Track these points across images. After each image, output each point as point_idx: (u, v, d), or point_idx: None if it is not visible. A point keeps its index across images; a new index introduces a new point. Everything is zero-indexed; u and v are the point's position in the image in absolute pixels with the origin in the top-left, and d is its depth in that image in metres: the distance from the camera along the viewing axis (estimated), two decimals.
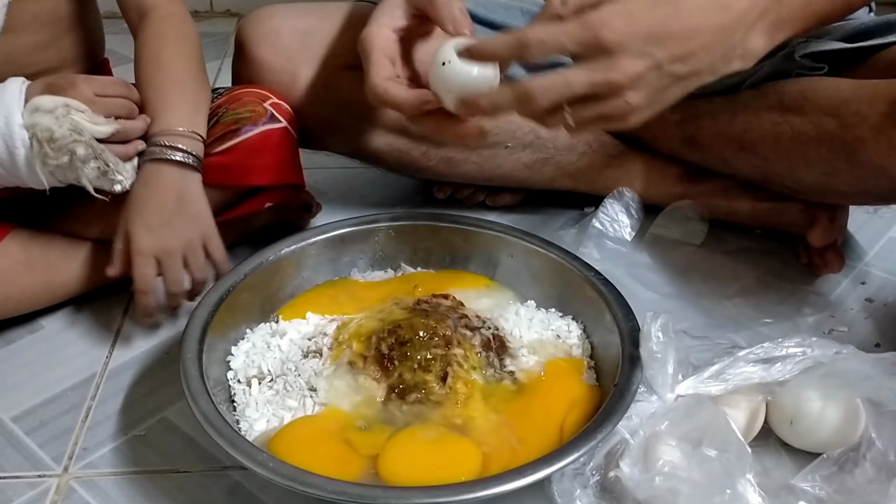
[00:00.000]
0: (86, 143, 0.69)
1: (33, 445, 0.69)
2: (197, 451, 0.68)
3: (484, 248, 0.80)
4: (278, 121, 0.82)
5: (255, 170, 0.82)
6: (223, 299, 0.70)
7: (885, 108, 0.72)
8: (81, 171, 0.70)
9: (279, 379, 0.67)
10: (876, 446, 0.63)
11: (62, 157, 0.69)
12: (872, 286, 0.89)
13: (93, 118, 0.70)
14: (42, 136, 0.68)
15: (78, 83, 0.71)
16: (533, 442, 0.63)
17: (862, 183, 0.78)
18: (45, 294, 0.80)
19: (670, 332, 0.63)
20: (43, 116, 0.68)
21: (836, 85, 0.80)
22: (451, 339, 0.68)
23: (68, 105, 0.69)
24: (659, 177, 0.97)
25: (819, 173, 0.80)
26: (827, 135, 0.77)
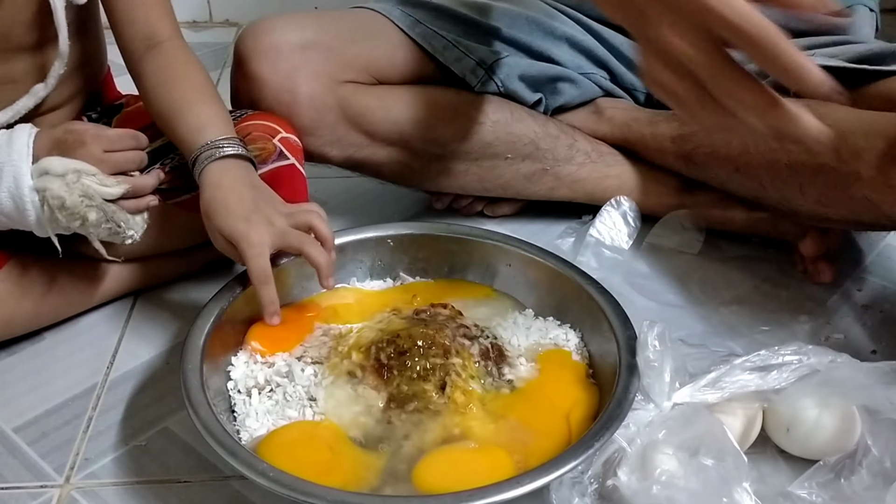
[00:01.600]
0: (97, 208, 0.70)
1: (35, 456, 0.70)
2: (198, 461, 0.69)
3: (482, 257, 0.81)
4: (286, 157, 0.83)
5: None
6: (223, 310, 0.71)
7: (883, 145, 0.72)
8: (92, 234, 0.71)
9: (279, 389, 0.68)
10: (872, 453, 0.64)
11: (73, 222, 0.70)
12: (869, 293, 0.90)
13: (102, 181, 0.70)
14: (53, 204, 0.69)
15: (87, 142, 0.71)
16: (543, 439, 0.65)
17: (854, 216, 0.79)
18: (50, 316, 0.81)
19: (667, 341, 0.64)
20: (53, 182, 0.68)
21: (835, 113, 0.79)
22: (450, 349, 0.69)
23: (79, 171, 0.69)
24: (655, 187, 0.97)
25: (813, 202, 0.81)
26: (823, 166, 0.78)
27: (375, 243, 0.82)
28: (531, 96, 0.97)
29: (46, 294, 0.79)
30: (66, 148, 0.70)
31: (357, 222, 1.00)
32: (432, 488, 0.60)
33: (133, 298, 0.88)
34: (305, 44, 0.90)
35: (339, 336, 0.72)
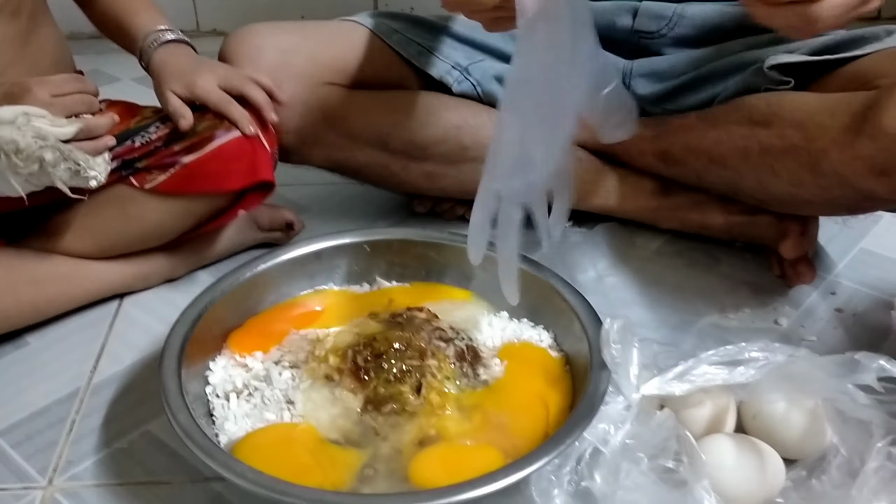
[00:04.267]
0: (52, 148, 0.71)
1: (19, 458, 0.71)
2: (179, 464, 0.70)
3: (457, 261, 0.82)
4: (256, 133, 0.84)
5: (229, 174, 0.84)
6: (201, 315, 0.72)
7: (847, 120, 0.74)
8: (53, 174, 0.72)
9: (257, 392, 0.69)
10: (841, 454, 0.65)
11: (32, 165, 0.71)
12: (842, 296, 0.91)
13: (54, 121, 0.72)
14: (8, 149, 0.70)
15: (32, 88, 0.73)
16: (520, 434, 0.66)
17: (827, 193, 0.80)
18: (31, 313, 0.82)
19: (630, 336, 0.65)
20: (4, 129, 0.69)
21: (801, 98, 0.82)
22: (426, 351, 0.70)
23: (27, 113, 0.70)
24: (633, 191, 0.99)
25: (786, 184, 0.82)
26: (793, 147, 0.80)
27: (352, 248, 0.83)
28: None
29: (26, 288, 0.81)
30: (12, 98, 0.72)
31: (339, 226, 1.02)
32: (428, 482, 0.61)
33: (117, 304, 0.89)
34: (287, 47, 0.92)
35: (316, 340, 0.73)
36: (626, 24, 1.01)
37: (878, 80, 0.75)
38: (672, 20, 0.99)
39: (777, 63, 0.85)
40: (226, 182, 0.84)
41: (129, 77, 1.30)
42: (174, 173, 0.83)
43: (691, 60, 0.98)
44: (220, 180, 0.84)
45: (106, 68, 0.94)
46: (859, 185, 0.74)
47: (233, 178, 0.83)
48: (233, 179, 0.84)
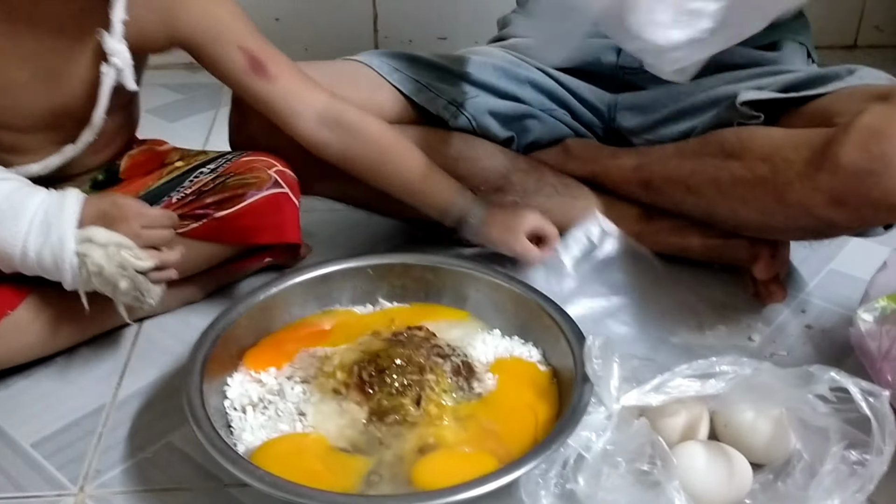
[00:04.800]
0: (128, 278, 0.78)
1: (51, 468, 0.77)
2: (199, 471, 0.76)
3: (453, 283, 0.89)
4: (281, 186, 0.90)
5: (258, 230, 0.91)
6: (220, 335, 0.79)
7: (809, 154, 0.81)
8: (119, 298, 0.81)
9: (271, 405, 0.75)
10: (804, 458, 0.71)
11: (105, 287, 0.79)
12: (812, 314, 0.98)
13: (137, 254, 0.79)
14: (92, 269, 0.78)
15: (129, 218, 0.79)
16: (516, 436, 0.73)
17: (793, 221, 0.87)
18: (63, 342, 0.89)
19: (610, 352, 0.72)
20: (95, 250, 0.77)
21: (768, 133, 0.89)
22: (425, 367, 0.77)
23: (119, 244, 0.78)
24: (617, 216, 1.05)
25: (755, 213, 0.89)
26: (761, 178, 0.86)
27: (356, 272, 0.89)
28: (502, 132, 1.06)
29: (62, 323, 0.87)
30: (110, 220, 0.79)
31: (344, 252, 1.09)
32: (429, 486, 0.68)
33: (138, 325, 0.95)
34: None
35: (324, 357, 0.80)
36: (611, 60, 1.08)
37: (836, 118, 0.82)
38: None
39: (748, 99, 0.92)
40: (255, 237, 0.91)
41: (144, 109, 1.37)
42: (205, 223, 0.90)
43: (671, 95, 1.05)
44: (250, 235, 0.91)
45: None
46: (821, 214, 0.81)
47: (262, 235, 0.90)
48: (262, 235, 0.90)
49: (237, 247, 0.93)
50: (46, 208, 0.79)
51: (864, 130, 0.75)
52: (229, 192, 0.89)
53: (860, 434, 0.67)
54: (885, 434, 0.64)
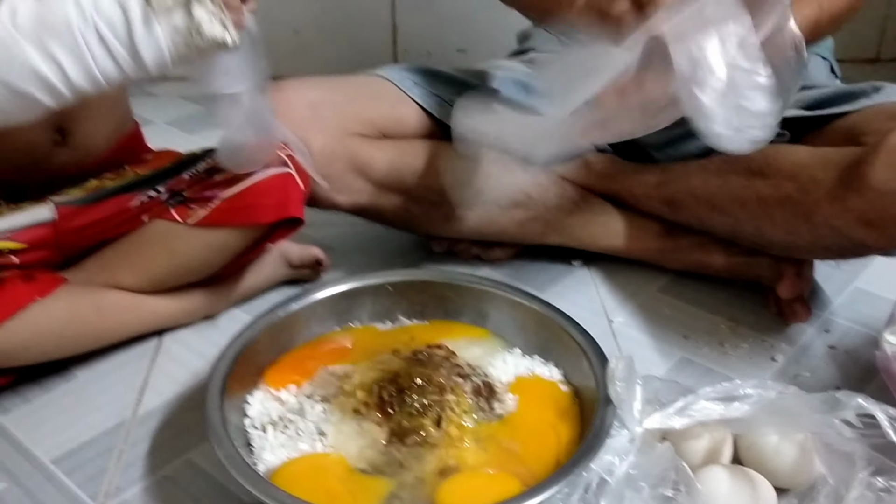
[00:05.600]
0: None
1: (71, 485, 0.77)
2: (219, 490, 0.76)
3: (474, 301, 0.88)
4: (288, 167, 0.90)
5: (263, 208, 0.90)
6: (240, 353, 0.78)
7: (837, 174, 0.80)
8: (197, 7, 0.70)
9: (291, 425, 0.75)
10: (829, 483, 0.70)
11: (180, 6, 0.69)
12: (836, 334, 0.97)
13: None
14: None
15: None
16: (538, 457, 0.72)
17: (820, 241, 0.86)
18: (93, 340, 0.89)
19: (633, 374, 0.71)
20: None
21: (795, 152, 0.88)
22: (445, 387, 0.76)
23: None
24: (639, 233, 1.05)
25: (782, 232, 0.89)
26: (787, 197, 0.86)
27: (375, 289, 0.89)
28: None
29: (91, 317, 0.88)
30: None
31: (362, 265, 1.09)
32: None
33: (157, 340, 0.96)
34: (317, 101, 0.99)
35: (344, 376, 0.79)
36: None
37: (865, 137, 0.82)
38: None
39: None
40: (259, 215, 0.90)
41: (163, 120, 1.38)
42: (213, 208, 0.90)
43: None
44: (254, 213, 0.90)
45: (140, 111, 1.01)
46: (850, 234, 0.80)
47: (266, 212, 0.90)
48: (266, 213, 0.90)
49: (244, 234, 0.92)
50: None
51: (894, 151, 0.75)
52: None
53: (887, 460, 0.67)
54: None
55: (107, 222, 0.89)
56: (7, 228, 0.84)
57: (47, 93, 0.70)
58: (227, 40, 0.73)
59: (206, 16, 0.71)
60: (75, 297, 0.87)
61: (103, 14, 0.69)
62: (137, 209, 0.91)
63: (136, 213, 0.91)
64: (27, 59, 0.68)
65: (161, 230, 0.90)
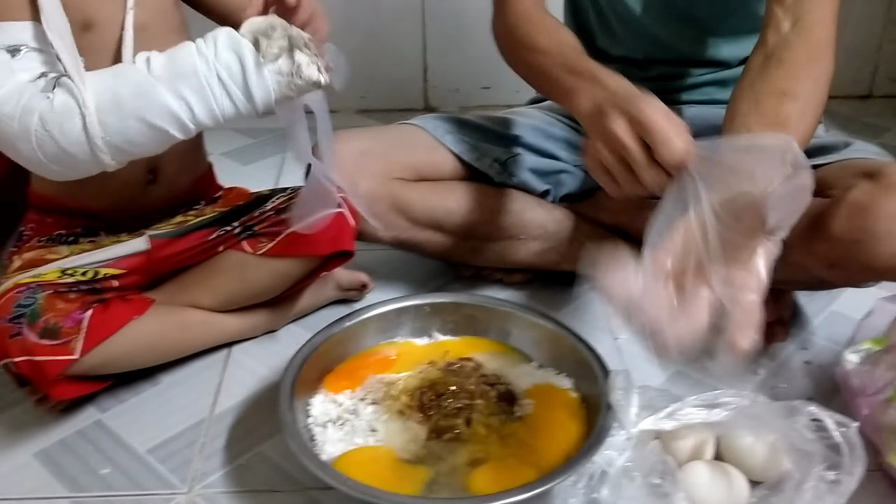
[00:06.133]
0: (297, 33, 0.83)
1: (165, 471, 0.92)
2: (286, 476, 0.91)
3: (498, 320, 1.03)
4: (341, 207, 1.03)
5: (320, 242, 1.04)
6: (304, 362, 0.94)
7: (806, 221, 0.93)
8: (298, 54, 0.82)
9: (348, 423, 0.91)
10: (794, 477, 0.85)
11: (281, 41, 0.81)
12: (812, 351, 1.11)
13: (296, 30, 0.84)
14: (261, 32, 0.81)
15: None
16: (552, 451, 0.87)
17: (793, 277, 0.99)
18: (176, 351, 1.05)
19: (630, 384, 0.86)
20: (258, 23, 0.82)
21: None
22: (474, 393, 0.92)
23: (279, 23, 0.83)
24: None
25: None
26: None
27: (415, 309, 1.04)
28: (540, 186, 1.20)
29: (176, 332, 1.04)
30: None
31: (400, 287, 1.24)
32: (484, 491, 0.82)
33: (227, 352, 1.11)
34: (364, 150, 1.14)
35: (390, 383, 0.95)
36: None
37: (831, 190, 0.94)
38: None
39: None
40: (317, 248, 1.05)
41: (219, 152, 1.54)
42: (279, 241, 1.05)
43: None
44: (313, 246, 1.05)
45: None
46: (816, 272, 0.94)
47: (322, 245, 1.05)
48: (322, 246, 1.05)
49: (303, 264, 1.07)
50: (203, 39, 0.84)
51: (852, 206, 0.88)
52: None
53: (837, 457, 0.81)
54: (853, 458, 0.78)
55: (190, 252, 1.06)
56: (111, 257, 1.00)
57: (178, 128, 0.83)
58: (322, 80, 0.85)
59: (305, 59, 0.83)
60: (163, 315, 1.03)
61: (223, 61, 0.81)
62: (215, 241, 1.07)
63: (214, 245, 1.07)
64: (163, 101, 0.81)
65: (234, 259, 1.06)
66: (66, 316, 0.93)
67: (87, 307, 0.95)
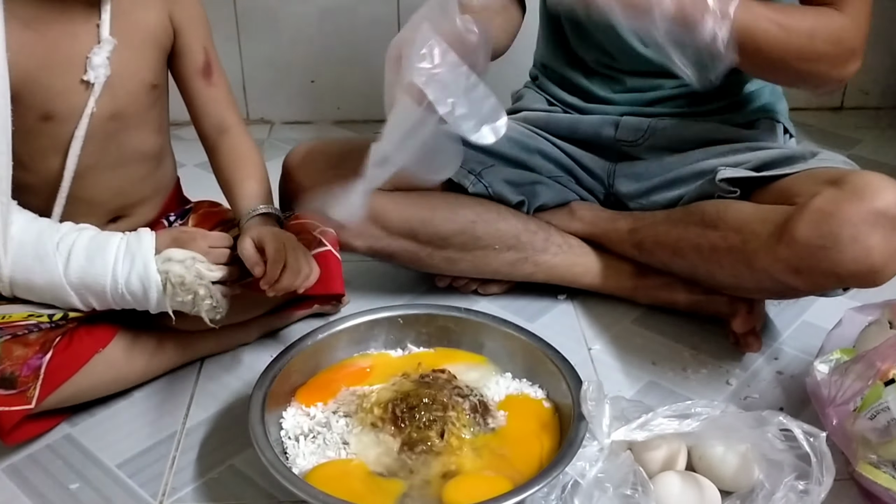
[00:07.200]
0: (206, 286, 0.94)
1: (135, 486, 0.92)
2: (258, 490, 0.91)
3: (472, 332, 1.04)
4: (324, 245, 1.06)
5: None
6: (276, 376, 0.93)
7: (772, 228, 0.96)
8: (200, 306, 0.94)
9: (320, 436, 0.90)
10: (766, 487, 0.85)
11: (187, 296, 0.93)
12: (783, 361, 1.12)
13: (208, 266, 0.94)
14: (175, 281, 0.92)
15: (197, 239, 0.95)
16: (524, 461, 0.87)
17: (760, 284, 1.01)
18: (143, 375, 1.04)
19: (602, 395, 0.86)
20: (175, 265, 0.93)
21: (741, 207, 1.04)
22: (447, 405, 0.91)
23: (194, 258, 0.93)
24: (614, 273, 1.21)
25: (729, 276, 1.04)
26: (733, 247, 1.01)
27: (388, 321, 1.04)
28: (515, 197, 1.21)
29: (145, 357, 1.03)
30: (181, 242, 0.95)
31: (375, 297, 1.24)
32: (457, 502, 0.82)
33: (199, 364, 1.11)
34: (336, 160, 1.14)
35: (363, 395, 0.95)
36: (610, 134, 1.23)
37: (796, 198, 0.96)
38: (647, 132, 1.21)
39: (726, 177, 1.07)
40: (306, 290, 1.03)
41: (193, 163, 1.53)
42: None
43: (662, 165, 1.20)
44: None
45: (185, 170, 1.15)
46: (782, 280, 0.96)
47: (312, 288, 1.01)
48: (312, 288, 1.01)
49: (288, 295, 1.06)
50: (127, 243, 0.94)
51: (816, 212, 0.90)
52: None
53: (807, 467, 0.81)
54: (822, 468, 0.79)
55: None
56: None
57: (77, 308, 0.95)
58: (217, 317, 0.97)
59: (206, 305, 0.95)
60: (129, 343, 1.01)
61: (131, 289, 0.93)
62: None
63: None
64: (68, 299, 0.93)
65: None
66: (23, 363, 0.92)
67: (47, 348, 0.94)
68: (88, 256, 0.92)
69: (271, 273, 0.93)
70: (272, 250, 0.93)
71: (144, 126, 1.02)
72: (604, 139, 1.24)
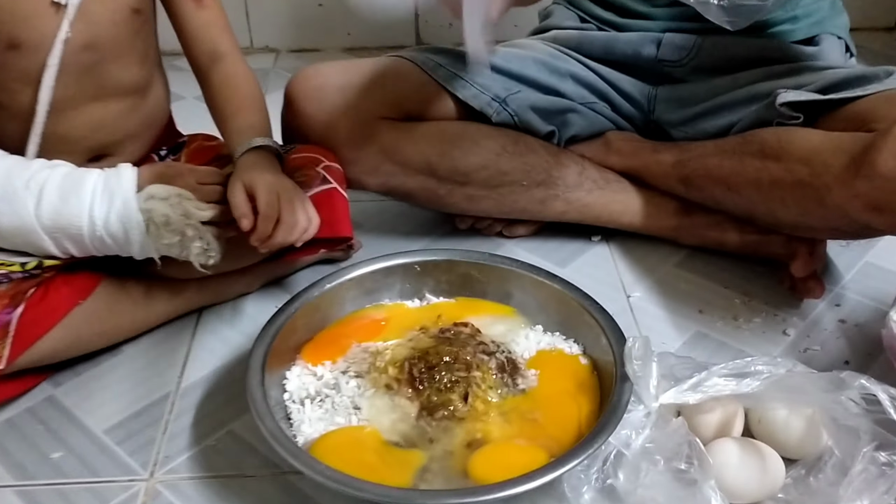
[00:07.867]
0: (193, 226, 0.83)
1: (123, 454, 0.82)
2: (259, 459, 0.81)
3: (498, 280, 0.93)
4: (329, 182, 0.95)
5: None
6: (279, 331, 0.83)
7: (847, 160, 0.83)
8: (189, 248, 0.84)
9: (328, 399, 0.80)
10: (835, 455, 0.75)
11: (174, 237, 0.83)
12: (846, 308, 1.00)
13: (197, 204, 0.84)
14: (159, 221, 0.82)
15: (184, 174, 0.85)
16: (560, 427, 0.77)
17: (830, 223, 0.89)
18: (130, 330, 0.94)
19: (649, 353, 0.75)
20: (159, 203, 0.82)
21: (808, 136, 0.91)
22: (471, 364, 0.81)
23: (180, 195, 0.83)
24: (656, 211, 1.09)
25: (794, 213, 0.92)
26: (800, 181, 0.89)
27: (404, 269, 0.93)
28: (544, 127, 1.08)
29: (132, 309, 0.93)
30: (167, 178, 0.85)
31: (389, 241, 1.13)
32: (485, 478, 0.72)
33: (196, 315, 1.01)
34: (346, 86, 1.03)
35: (376, 353, 0.84)
36: (651, 54, 1.10)
37: (874, 124, 0.84)
38: (693, 50, 1.08)
39: (788, 101, 0.94)
40: None
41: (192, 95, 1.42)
42: None
43: (711, 88, 1.07)
44: None
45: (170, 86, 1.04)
46: (858, 218, 0.83)
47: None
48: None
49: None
50: (105, 179, 0.84)
51: None
52: None
53: (890, 436, 0.70)
54: None
55: None
56: None
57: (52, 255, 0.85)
58: (210, 261, 0.87)
59: (196, 248, 0.85)
60: (114, 293, 0.91)
61: (110, 230, 0.83)
62: None
63: None
64: (42, 244, 0.83)
65: None
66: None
67: (18, 301, 0.83)
68: (62, 195, 0.82)
69: (262, 229, 0.83)
70: (264, 203, 0.83)
71: (126, 56, 0.91)
72: (644, 59, 1.11)
